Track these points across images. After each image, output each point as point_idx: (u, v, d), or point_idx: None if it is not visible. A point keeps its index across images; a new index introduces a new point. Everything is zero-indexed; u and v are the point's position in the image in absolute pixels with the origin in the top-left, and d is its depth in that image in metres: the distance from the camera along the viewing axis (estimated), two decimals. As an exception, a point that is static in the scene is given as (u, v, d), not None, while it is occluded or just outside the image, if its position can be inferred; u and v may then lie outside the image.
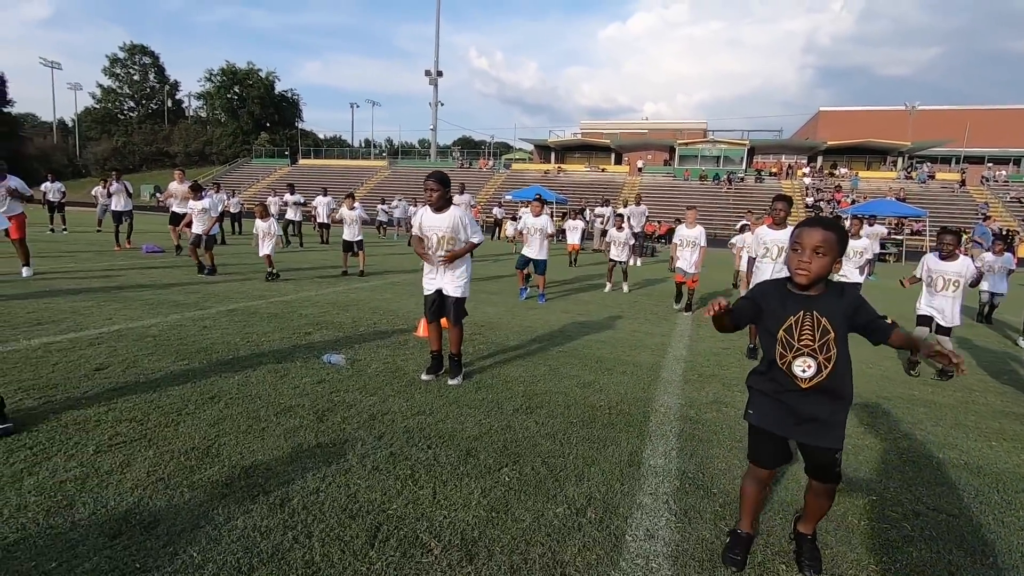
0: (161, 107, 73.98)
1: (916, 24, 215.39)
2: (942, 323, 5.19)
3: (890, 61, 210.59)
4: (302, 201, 18.28)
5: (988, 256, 8.78)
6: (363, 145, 78.76)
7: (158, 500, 2.46)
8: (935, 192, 35.65)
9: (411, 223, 18.23)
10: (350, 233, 10.62)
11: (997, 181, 36.64)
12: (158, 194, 47.07)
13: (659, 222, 28.36)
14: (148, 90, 73.88)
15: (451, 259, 4.28)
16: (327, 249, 16.05)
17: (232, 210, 18.69)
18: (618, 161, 49.27)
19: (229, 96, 68.03)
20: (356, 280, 9.89)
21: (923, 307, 5.37)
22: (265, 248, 9.28)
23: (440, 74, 49.87)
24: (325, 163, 52.57)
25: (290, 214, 17.59)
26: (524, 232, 8.88)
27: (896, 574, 2.23)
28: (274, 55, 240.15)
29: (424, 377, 4.43)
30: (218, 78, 67.81)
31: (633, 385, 4.55)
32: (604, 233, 22.24)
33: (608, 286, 10.24)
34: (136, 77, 72.64)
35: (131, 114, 72.84)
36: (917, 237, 28.27)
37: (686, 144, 45.88)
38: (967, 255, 6.99)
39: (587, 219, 23.06)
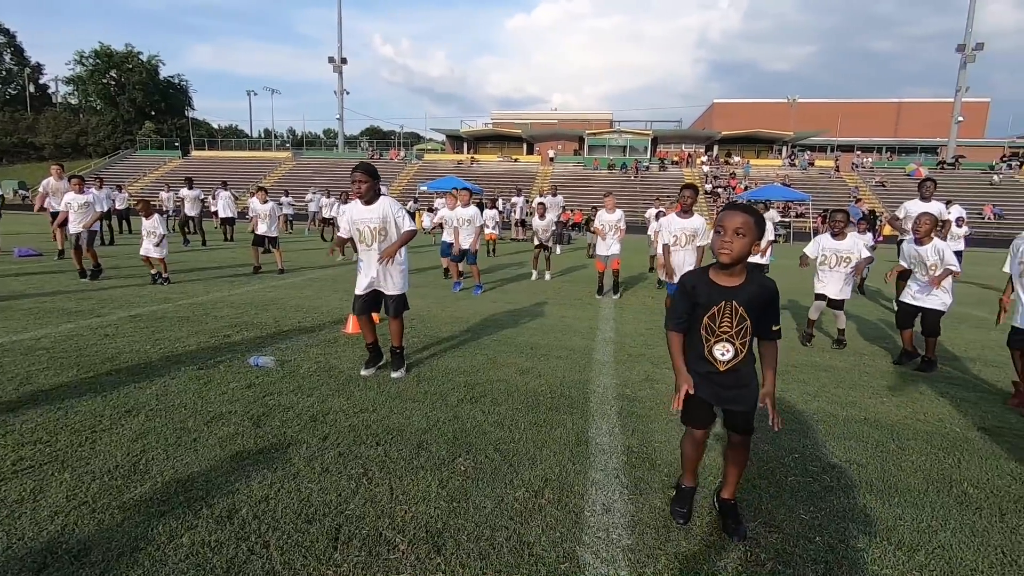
0: (22, 92, 65.59)
1: (795, 23, 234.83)
2: (834, 297, 5.75)
3: (774, 57, 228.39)
4: (201, 196, 16.98)
5: (853, 235, 9.81)
6: (263, 135, 74.29)
7: (85, 525, 2.25)
8: (815, 178, 39.20)
9: (322, 217, 17.40)
10: (264, 227, 10.05)
11: (864, 167, 40.91)
12: (24, 191, 41.79)
13: (572, 211, 29.15)
14: (4, 73, 65.19)
15: (389, 256, 4.18)
16: (235, 247, 15.06)
17: (119, 206, 16.99)
18: (530, 151, 49.94)
19: (105, 82, 61.38)
20: (273, 278, 9.38)
21: (817, 285, 5.92)
22: (150, 250, 8.24)
23: (344, 61, 47.91)
24: (222, 155, 49.05)
25: (188, 210, 16.26)
26: (453, 224, 8.80)
27: (823, 520, 2.48)
28: (157, 37, 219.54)
29: (364, 372, 4.32)
30: (91, 61, 60.87)
31: (570, 369, 4.69)
32: (521, 223, 22.59)
33: (535, 274, 10.42)
34: (-12, 58, 63.89)
35: (-17, 100, 64.03)
36: (802, 219, 31.05)
37: (594, 134, 47.30)
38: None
39: (502, 209, 23.25)
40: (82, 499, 2.43)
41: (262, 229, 10.13)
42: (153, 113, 62.61)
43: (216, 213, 17.27)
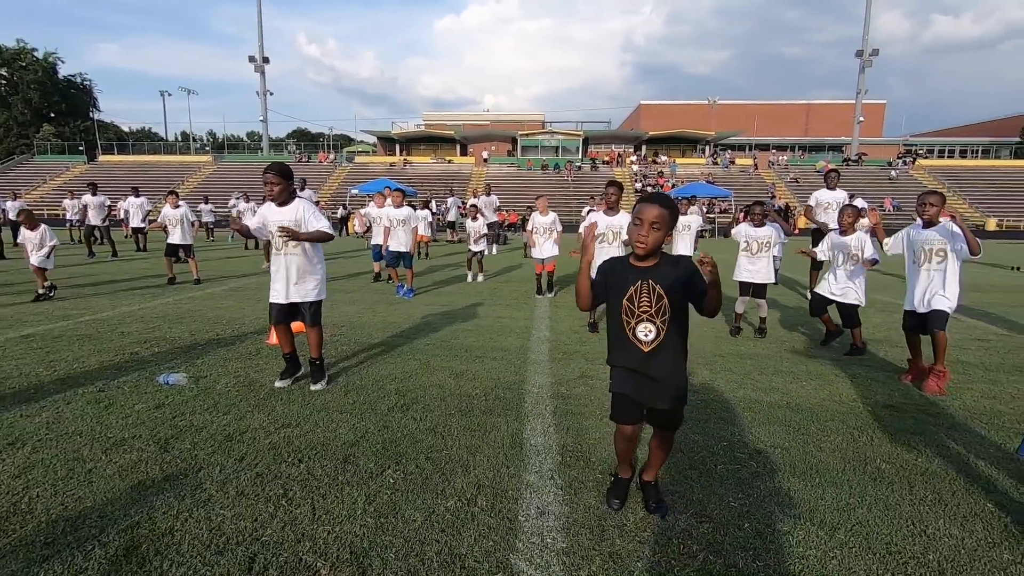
0: None
1: (712, 29, 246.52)
2: (760, 281, 6.00)
3: (695, 61, 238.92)
4: (107, 203, 15.75)
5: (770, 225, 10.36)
6: (180, 139, 70.05)
7: (-52, 580, 1.95)
8: (735, 175, 41.24)
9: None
10: (177, 236, 9.41)
11: (780, 165, 43.45)
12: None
13: (508, 211, 29.26)
14: None
15: (294, 236, 3.90)
16: (147, 257, 14.05)
17: (11, 216, 15.45)
18: (463, 152, 49.79)
19: (-7, 81, 55.97)
20: (190, 289, 8.78)
21: (741, 272, 6.14)
22: (35, 260, 7.51)
23: (267, 60, 45.90)
24: (133, 159, 45.86)
25: (92, 219, 15.03)
26: (383, 223, 8.54)
27: (750, 507, 2.53)
28: (54, 33, 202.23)
29: (279, 384, 4.08)
30: (-25, 58, 55.37)
31: (504, 370, 4.63)
32: (451, 225, 22.43)
33: (470, 276, 10.30)
34: None
35: None
36: (725, 215, 32.56)
37: (527, 135, 47.76)
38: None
39: (435, 210, 23.01)
40: (-54, 549, 2.12)
41: (175, 237, 9.48)
42: (52, 115, 57.59)
43: (125, 222, 16.02)
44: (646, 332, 2.24)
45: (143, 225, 15.52)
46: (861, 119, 44.08)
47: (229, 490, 2.60)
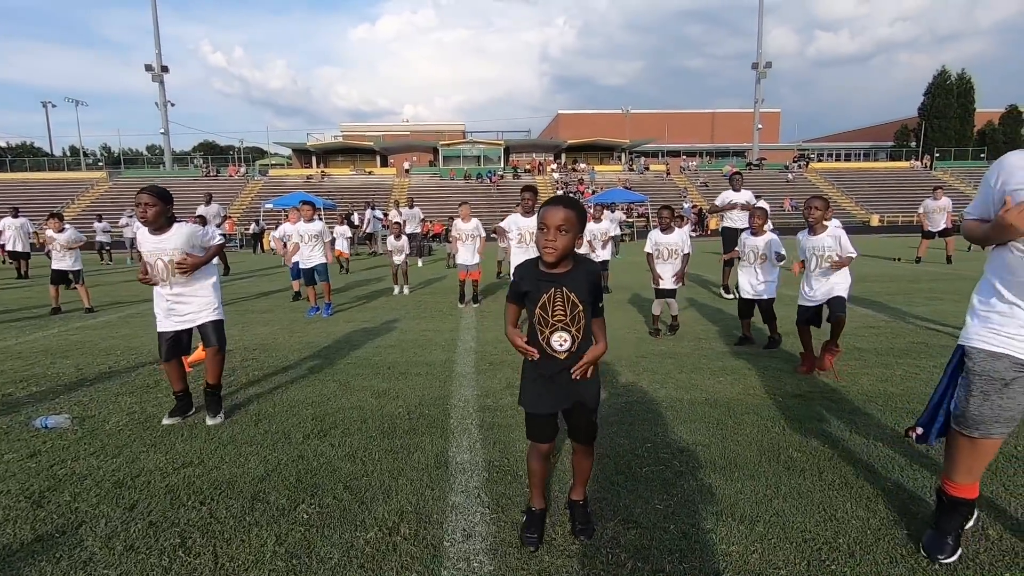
0: None
1: (622, 42, 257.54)
2: (667, 287, 6.21)
3: (608, 72, 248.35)
4: (31, 229, 14.20)
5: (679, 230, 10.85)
6: (68, 153, 64.14)
7: None
8: (650, 180, 43.07)
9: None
10: (63, 262, 8.54)
11: (690, 170, 45.88)
12: None
13: (431, 221, 28.98)
14: None
15: (191, 269, 3.64)
16: (29, 284, 12.67)
17: None
18: (384, 163, 48.93)
19: None
20: (79, 318, 7.96)
21: (656, 279, 6.33)
22: None
23: (165, 69, 43.06)
24: (14, 176, 41.57)
25: (13, 244, 13.55)
26: (295, 240, 8.15)
27: (675, 507, 2.55)
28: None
29: (167, 421, 3.72)
30: None
31: (429, 385, 4.49)
32: (370, 236, 21.89)
33: (396, 289, 10.03)
34: None
35: None
36: (643, 219, 33.89)
37: (448, 145, 47.66)
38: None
39: (357, 223, 22.39)
40: None
41: (64, 263, 8.60)
42: (-90, 129, 51.07)
43: (2, 246, 14.41)
44: (561, 341, 2.17)
45: (25, 250, 14.04)
46: (760, 126, 47.46)
47: (115, 545, 2.31)
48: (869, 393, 4.10)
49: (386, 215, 25.20)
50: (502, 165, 46.55)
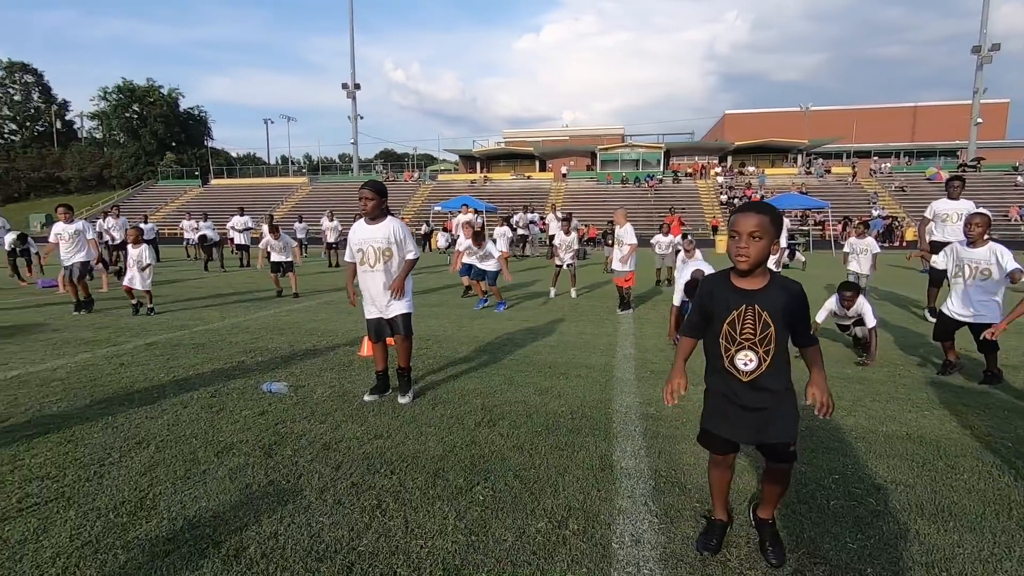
0: (49, 129, 67.81)
1: (801, 33, 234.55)
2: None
3: (783, 67, 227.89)
4: (250, 225, 17.40)
5: (853, 239, 9.40)
6: (280, 162, 75.64)
7: (87, 568, 2.14)
8: (832, 185, 38.66)
9: (327, 242, 17.61)
10: (280, 256, 10.23)
11: (883, 173, 40.28)
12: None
13: (587, 225, 29.09)
14: (32, 111, 67.56)
15: (398, 290, 4.10)
16: (251, 271, 15.19)
17: (146, 236, 17.35)
18: (543, 168, 50.12)
19: (128, 115, 63.18)
20: (288, 302, 9.37)
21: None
22: (135, 280, 7.97)
23: (358, 87, 48.77)
24: (240, 182, 50.04)
25: (239, 238, 16.80)
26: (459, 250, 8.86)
27: (872, 549, 2.28)
28: (176, 71, 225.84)
29: (367, 398, 4.19)
30: (114, 96, 62.80)
31: (590, 388, 4.53)
32: (523, 239, 22.57)
33: (552, 292, 10.21)
34: (17, 97, 66.28)
35: (13, 137, 66.28)
36: (819, 227, 30.53)
37: (606, 149, 47.34)
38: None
39: (515, 226, 23.23)
40: (85, 539, 2.33)
41: (279, 257, 10.27)
42: (174, 144, 64.06)
43: (231, 239, 17.53)
44: (746, 361, 2.06)
45: (246, 242, 16.91)
46: (979, 120, 40.02)
47: (327, 498, 2.69)
48: None
49: (543, 219, 25.88)
50: (661, 169, 45.08)
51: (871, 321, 5.22)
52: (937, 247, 7.53)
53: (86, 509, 2.58)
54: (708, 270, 5.48)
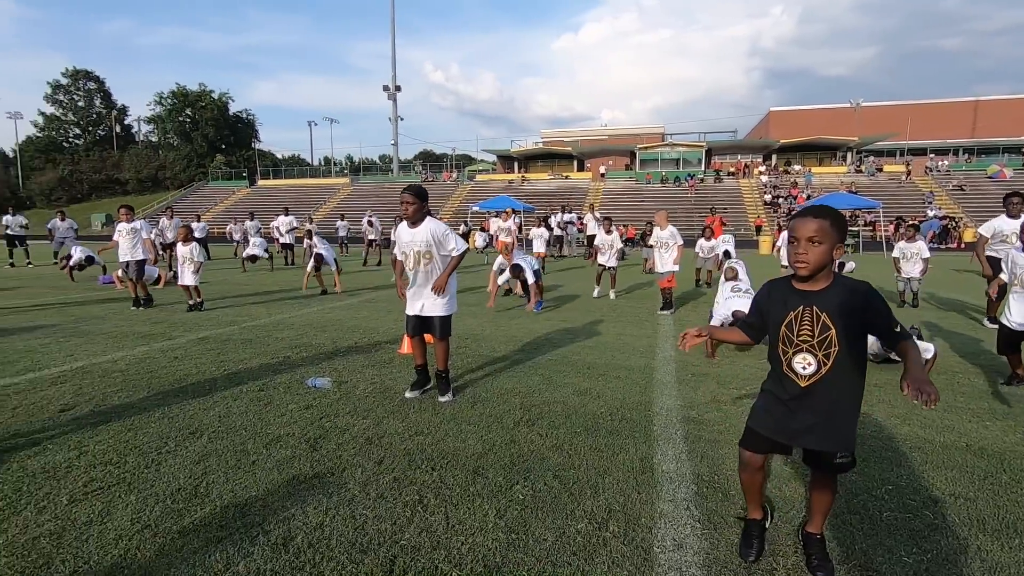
0: (109, 133, 71.41)
1: (851, 26, 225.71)
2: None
3: (830, 62, 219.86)
4: (295, 224, 18.00)
5: (902, 243, 9.13)
6: (323, 163, 77.62)
7: (147, 550, 2.25)
8: (883, 184, 37.12)
9: (368, 239, 17.96)
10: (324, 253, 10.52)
11: (940, 171, 38.41)
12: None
13: (626, 226, 28.76)
14: (94, 116, 71.25)
15: (441, 288, 4.14)
16: (296, 270, 15.63)
17: (197, 235, 18.06)
18: (580, 168, 49.84)
19: (181, 119, 66.08)
20: (331, 299, 9.61)
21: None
22: (186, 277, 8.27)
23: (399, 89, 49.61)
24: (285, 183, 51.57)
25: (285, 238, 17.43)
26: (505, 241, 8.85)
27: (930, 565, 2.19)
28: (226, 76, 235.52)
29: (409, 394, 4.26)
30: (168, 101, 65.88)
31: (629, 389, 4.48)
32: (560, 240, 22.49)
33: (596, 290, 10.13)
34: (81, 103, 70.00)
35: (77, 142, 70.06)
36: (871, 228, 29.36)
37: (646, 148, 46.70)
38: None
39: (552, 226, 23.16)
40: (145, 522, 2.45)
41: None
42: (223, 146, 66.61)
43: (276, 238, 18.11)
44: (804, 364, 2.00)
45: (291, 241, 17.42)
46: (1047, 115, 37.68)
47: (370, 491, 2.75)
48: None
49: (580, 219, 25.72)
50: (703, 168, 44.18)
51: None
52: (997, 263, 7.11)
53: (145, 495, 2.71)
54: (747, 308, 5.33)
